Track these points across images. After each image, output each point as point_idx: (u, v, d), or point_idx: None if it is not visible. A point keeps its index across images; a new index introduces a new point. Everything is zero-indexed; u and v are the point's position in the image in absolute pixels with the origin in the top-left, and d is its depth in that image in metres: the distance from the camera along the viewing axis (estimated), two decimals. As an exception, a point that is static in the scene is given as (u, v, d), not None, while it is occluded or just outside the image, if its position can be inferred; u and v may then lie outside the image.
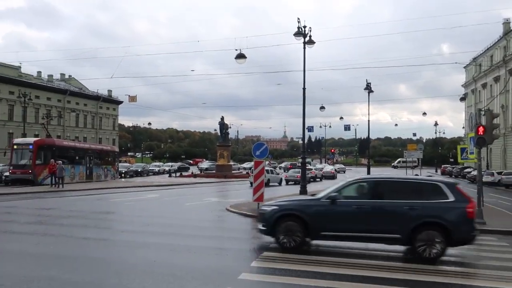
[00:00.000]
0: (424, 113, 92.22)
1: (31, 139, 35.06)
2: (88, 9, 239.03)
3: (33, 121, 56.80)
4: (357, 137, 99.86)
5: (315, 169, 48.06)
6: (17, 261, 7.94)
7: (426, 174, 34.82)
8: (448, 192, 9.02)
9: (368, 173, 37.13)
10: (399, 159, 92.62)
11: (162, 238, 10.61)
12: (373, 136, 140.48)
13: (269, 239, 9.69)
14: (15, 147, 32.09)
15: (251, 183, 22.27)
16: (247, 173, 47.45)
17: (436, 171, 69.85)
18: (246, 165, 69.93)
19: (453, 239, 8.72)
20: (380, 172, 65.40)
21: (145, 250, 9.07)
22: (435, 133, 78.07)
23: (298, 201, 10.83)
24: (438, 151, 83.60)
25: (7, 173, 31.96)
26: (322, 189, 11.20)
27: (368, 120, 38.36)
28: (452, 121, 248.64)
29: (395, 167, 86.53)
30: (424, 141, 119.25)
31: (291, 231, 9.18)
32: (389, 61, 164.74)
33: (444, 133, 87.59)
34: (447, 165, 66.05)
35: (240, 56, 22.21)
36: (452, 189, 9.11)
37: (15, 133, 52.90)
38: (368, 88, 35.85)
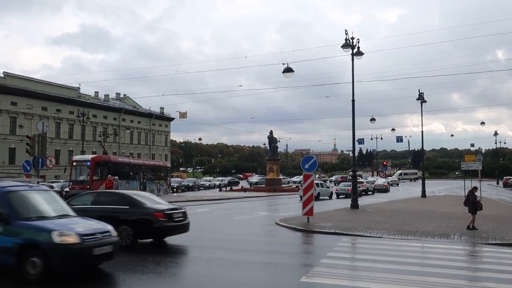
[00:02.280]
0: (483, 123, 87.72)
1: (88, 156, 36.65)
2: (136, 31, 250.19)
3: (91, 139, 59.64)
4: (410, 149, 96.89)
5: (366, 182, 46.90)
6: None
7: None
8: None
9: (423, 185, 35.62)
10: (400, 171, 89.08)
11: (211, 252, 10.63)
12: (427, 147, 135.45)
13: (319, 253, 9.44)
14: (74, 163, 33.62)
15: (301, 197, 21.99)
16: (297, 186, 46.94)
17: (498, 183, 66.09)
18: (296, 178, 69.35)
19: None
20: (437, 185, 62.68)
21: (195, 264, 9.13)
22: (495, 143, 74.20)
23: None
24: (499, 162, 79.21)
25: (67, 189, 33.54)
26: (374, 203, 10.83)
27: (422, 131, 37.02)
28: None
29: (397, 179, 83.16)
30: (483, 151, 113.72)
31: None
32: (440, 70, 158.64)
33: (505, 143, 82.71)
34: (510, 177, 62.36)
35: (288, 70, 22.23)
36: None
37: (74, 151, 55.73)
38: (421, 98, 34.65)
